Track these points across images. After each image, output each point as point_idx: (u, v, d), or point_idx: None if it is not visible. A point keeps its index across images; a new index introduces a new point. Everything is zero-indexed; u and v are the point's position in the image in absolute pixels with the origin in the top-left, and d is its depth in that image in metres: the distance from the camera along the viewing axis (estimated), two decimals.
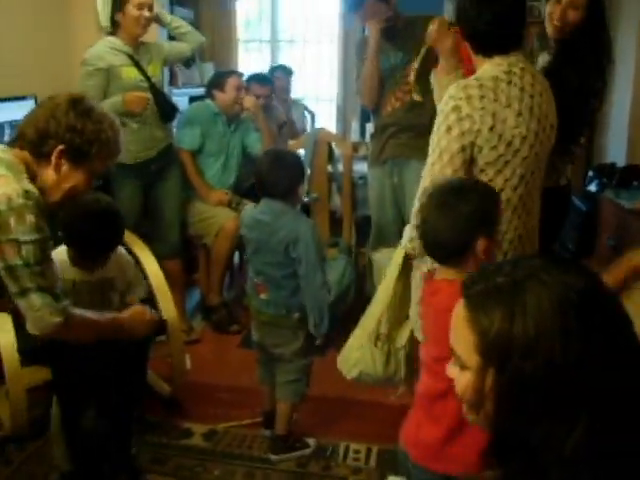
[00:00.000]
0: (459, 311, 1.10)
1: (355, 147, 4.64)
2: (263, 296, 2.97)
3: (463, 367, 1.11)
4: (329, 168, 4.61)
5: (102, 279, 2.79)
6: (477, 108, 2.15)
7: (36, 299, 2.08)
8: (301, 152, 4.49)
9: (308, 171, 4.46)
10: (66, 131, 2.13)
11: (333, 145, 4.63)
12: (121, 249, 2.91)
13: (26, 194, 2.01)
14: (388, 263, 2.54)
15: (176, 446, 3.15)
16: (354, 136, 6.08)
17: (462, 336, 1.08)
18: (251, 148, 4.55)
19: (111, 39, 3.92)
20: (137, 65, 3.92)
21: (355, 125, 6.26)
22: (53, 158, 2.13)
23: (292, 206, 2.97)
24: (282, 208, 2.90)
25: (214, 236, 4.34)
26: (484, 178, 2.22)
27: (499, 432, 1.10)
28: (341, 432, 3.27)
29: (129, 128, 3.85)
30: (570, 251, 4.61)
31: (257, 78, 5.02)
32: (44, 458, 2.93)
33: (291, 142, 4.81)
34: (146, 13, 3.85)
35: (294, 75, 5.92)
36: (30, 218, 2.00)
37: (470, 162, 2.21)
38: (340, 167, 4.55)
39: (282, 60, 7.72)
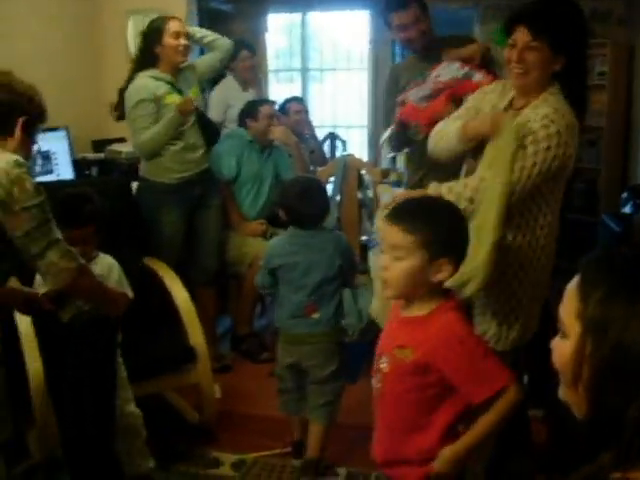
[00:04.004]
0: (573, 283, 1.14)
1: (385, 173, 4.58)
2: (315, 315, 2.99)
3: (564, 335, 1.14)
4: (359, 194, 4.58)
5: None
6: (572, 136, 2.27)
7: (53, 254, 2.20)
8: (331, 179, 4.49)
9: (338, 197, 4.45)
10: (27, 102, 2.27)
11: (362, 172, 4.60)
12: (104, 254, 2.94)
13: (17, 163, 2.12)
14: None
15: (204, 476, 3.11)
16: (385, 162, 6.04)
17: (569, 304, 1.13)
18: (284, 174, 4.57)
19: (150, 71, 3.90)
20: (179, 92, 3.94)
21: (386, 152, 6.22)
22: (18, 130, 2.25)
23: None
24: (316, 230, 3.02)
25: (248, 266, 4.33)
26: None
27: (597, 407, 1.10)
28: (371, 461, 3.20)
29: (173, 149, 3.90)
30: None
31: (293, 99, 5.36)
32: None
33: (320, 169, 4.80)
34: (183, 41, 3.89)
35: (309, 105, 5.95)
36: (29, 184, 2.13)
37: None
38: (370, 193, 4.52)
39: (313, 89, 7.79)
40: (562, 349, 1.14)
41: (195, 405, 3.46)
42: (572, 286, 1.14)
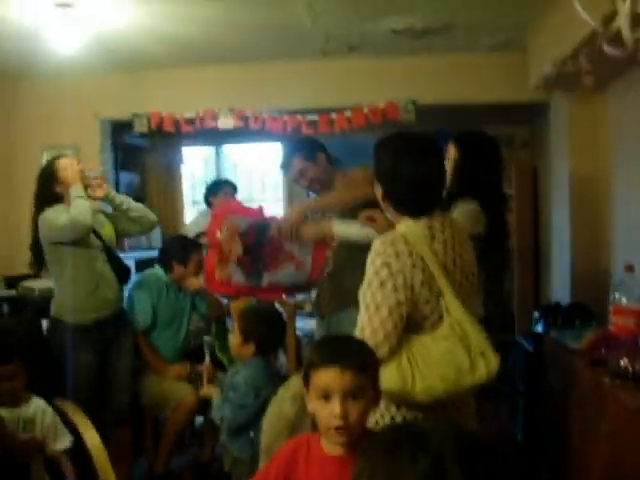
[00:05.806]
0: None
1: (299, 305, 4.63)
2: None
3: None
4: None
5: (24, 418, 2.76)
6: (407, 265, 2.16)
7: None
8: None
9: None
10: None
11: (276, 304, 4.63)
12: (38, 397, 2.91)
13: None
14: None
15: None
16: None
17: None
18: (200, 306, 4.56)
19: (58, 206, 3.86)
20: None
21: None
22: None
23: None
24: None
25: (171, 409, 4.24)
26: (420, 331, 2.21)
27: None
28: None
29: (86, 288, 3.86)
30: (520, 392, 4.58)
31: None
32: None
33: (234, 302, 4.79)
34: (75, 167, 3.91)
35: None
36: None
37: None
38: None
39: None
40: None
41: None
42: None
